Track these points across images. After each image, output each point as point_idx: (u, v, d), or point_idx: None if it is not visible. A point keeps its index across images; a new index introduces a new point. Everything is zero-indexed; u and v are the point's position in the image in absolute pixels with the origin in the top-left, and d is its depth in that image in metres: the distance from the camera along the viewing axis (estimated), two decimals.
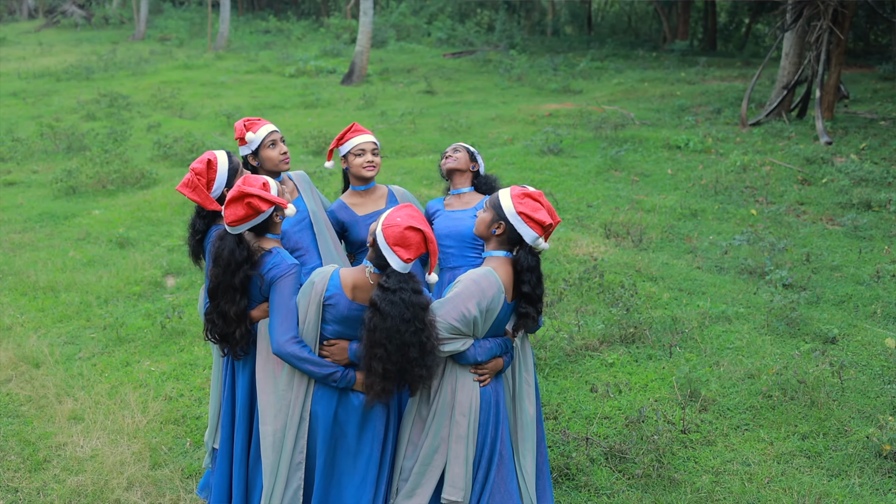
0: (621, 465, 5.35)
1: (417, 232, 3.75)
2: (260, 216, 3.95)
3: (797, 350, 6.68)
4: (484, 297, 3.85)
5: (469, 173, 5.10)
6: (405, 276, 3.77)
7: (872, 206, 10.38)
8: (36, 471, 5.38)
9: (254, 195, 3.90)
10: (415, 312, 3.73)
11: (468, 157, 5.06)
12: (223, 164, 4.42)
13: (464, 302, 3.83)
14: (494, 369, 4.04)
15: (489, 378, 4.03)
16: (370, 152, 4.91)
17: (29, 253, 9.42)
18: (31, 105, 19.32)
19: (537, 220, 3.91)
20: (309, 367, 3.90)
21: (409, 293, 3.73)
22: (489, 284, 3.87)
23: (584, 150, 13.57)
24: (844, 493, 5.05)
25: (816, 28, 14.86)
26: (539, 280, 4.01)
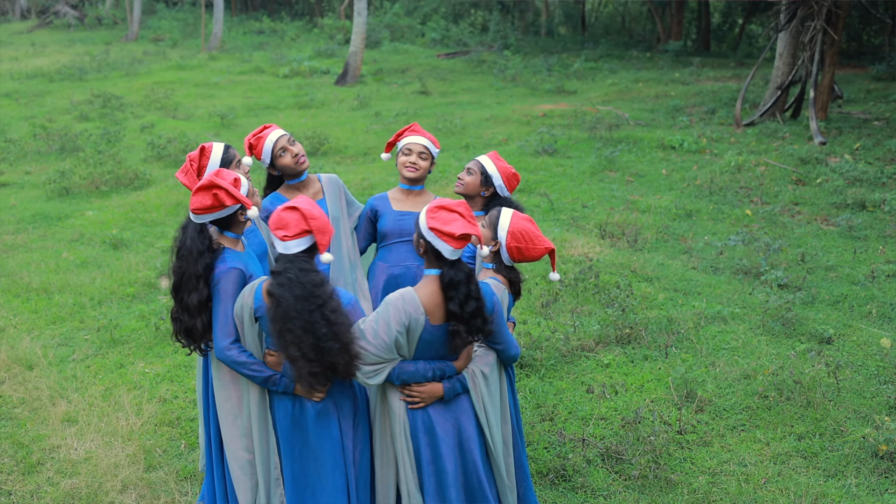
0: (618, 466, 5.33)
1: (293, 210, 3.71)
2: (224, 210, 3.97)
3: (793, 350, 6.67)
4: (399, 320, 3.72)
5: (480, 198, 4.87)
6: (290, 256, 3.71)
7: (867, 206, 10.39)
8: (29, 473, 5.35)
9: (221, 188, 3.91)
10: (306, 289, 3.66)
11: (479, 182, 4.81)
12: (217, 153, 4.46)
13: (380, 326, 3.72)
14: (430, 393, 3.89)
15: (421, 402, 3.89)
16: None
17: (22, 254, 9.38)
18: (24, 106, 19.26)
19: (447, 233, 3.72)
20: (248, 371, 3.91)
21: (296, 271, 3.67)
22: (405, 305, 3.73)
23: (579, 151, 13.56)
24: (841, 493, 5.04)
25: (810, 28, 14.88)
26: (468, 296, 3.77)
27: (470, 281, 3.78)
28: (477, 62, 25.63)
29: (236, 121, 16.97)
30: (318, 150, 13.97)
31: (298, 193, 4.97)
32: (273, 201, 4.96)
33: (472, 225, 3.77)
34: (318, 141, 14.05)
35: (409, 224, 4.92)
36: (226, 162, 4.46)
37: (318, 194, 5.00)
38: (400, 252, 4.96)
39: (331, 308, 3.68)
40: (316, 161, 13.23)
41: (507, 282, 4.17)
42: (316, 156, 13.80)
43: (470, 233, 3.74)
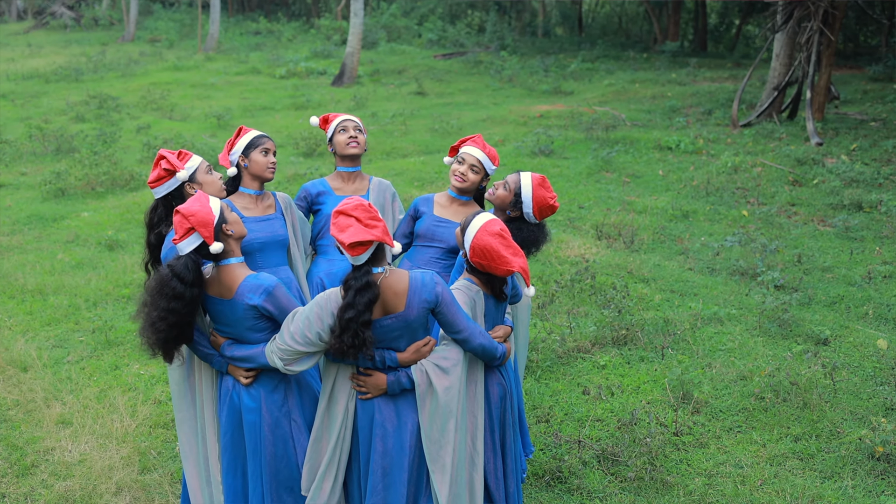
0: (614, 467, 5.32)
1: (175, 213, 3.85)
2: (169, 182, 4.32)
3: (789, 351, 6.67)
4: (321, 317, 3.73)
5: (503, 216, 4.76)
6: (181, 257, 3.85)
7: (863, 206, 10.39)
8: (23, 476, 5.33)
9: (164, 157, 4.28)
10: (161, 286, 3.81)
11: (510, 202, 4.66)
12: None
13: (304, 324, 3.74)
14: (374, 384, 3.86)
15: (368, 393, 3.87)
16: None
17: (17, 255, 9.36)
18: (20, 107, 19.23)
19: (340, 241, 3.69)
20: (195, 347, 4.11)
21: (168, 271, 3.81)
22: (328, 304, 3.74)
23: (576, 152, 13.55)
24: (837, 495, 5.03)
25: (807, 29, 14.88)
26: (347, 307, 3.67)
27: (360, 291, 3.68)
28: (473, 63, 25.63)
29: (233, 122, 16.95)
30: (314, 151, 13.96)
31: (344, 184, 5.17)
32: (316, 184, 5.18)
33: (369, 229, 3.67)
34: (315, 142, 14.04)
35: (442, 232, 4.85)
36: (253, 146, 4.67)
37: (360, 190, 5.17)
38: (425, 256, 4.92)
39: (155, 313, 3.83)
40: (312, 162, 13.22)
41: (482, 283, 4.11)
42: (312, 157, 13.79)
43: (363, 239, 3.64)
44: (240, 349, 3.95)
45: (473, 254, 3.98)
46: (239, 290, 3.86)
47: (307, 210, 5.19)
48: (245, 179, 4.72)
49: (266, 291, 3.85)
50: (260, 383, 4.01)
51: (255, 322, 3.90)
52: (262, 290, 3.85)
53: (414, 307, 3.77)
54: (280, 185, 11.66)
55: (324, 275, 5.03)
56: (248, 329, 3.92)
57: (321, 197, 5.14)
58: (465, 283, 4.08)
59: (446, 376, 3.87)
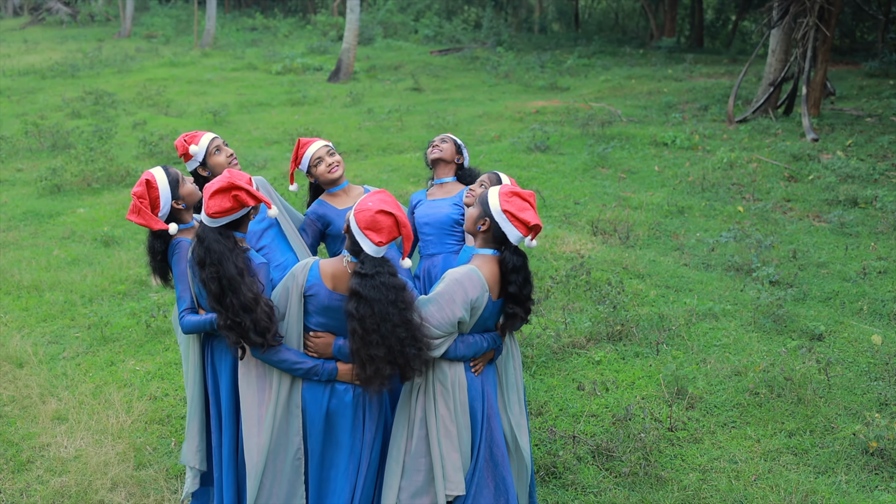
0: (608, 463, 5.34)
1: (388, 216, 3.75)
2: (242, 210, 3.92)
3: (784, 347, 6.68)
4: (467, 297, 3.84)
5: (453, 164, 5.25)
6: (379, 260, 3.78)
7: (859, 202, 10.40)
8: (19, 472, 5.34)
9: (242, 189, 3.87)
10: (396, 294, 3.75)
11: (454, 149, 5.21)
12: (162, 180, 4.37)
13: (448, 303, 3.82)
14: (485, 359, 4.08)
15: (481, 366, 4.05)
16: (326, 156, 5.01)
17: (13, 252, 9.35)
18: (16, 103, 19.20)
19: (522, 220, 3.90)
20: (289, 366, 3.91)
21: (387, 276, 3.75)
22: (472, 284, 3.86)
23: (571, 148, 13.55)
24: (831, 490, 5.05)
25: (803, 25, 14.88)
26: (526, 280, 3.98)
27: (527, 266, 3.99)
28: (470, 59, 25.62)
29: (229, 117, 16.94)
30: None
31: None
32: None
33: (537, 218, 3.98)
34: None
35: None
36: (173, 183, 4.40)
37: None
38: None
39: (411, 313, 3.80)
40: None
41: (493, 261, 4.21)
42: None
43: (540, 225, 3.94)
44: None
45: (504, 201, 3.97)
46: None
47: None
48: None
49: None
50: None
51: None
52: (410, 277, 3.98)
53: None
54: (275, 181, 11.66)
55: None
56: None
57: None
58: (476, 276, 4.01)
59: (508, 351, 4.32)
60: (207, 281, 3.83)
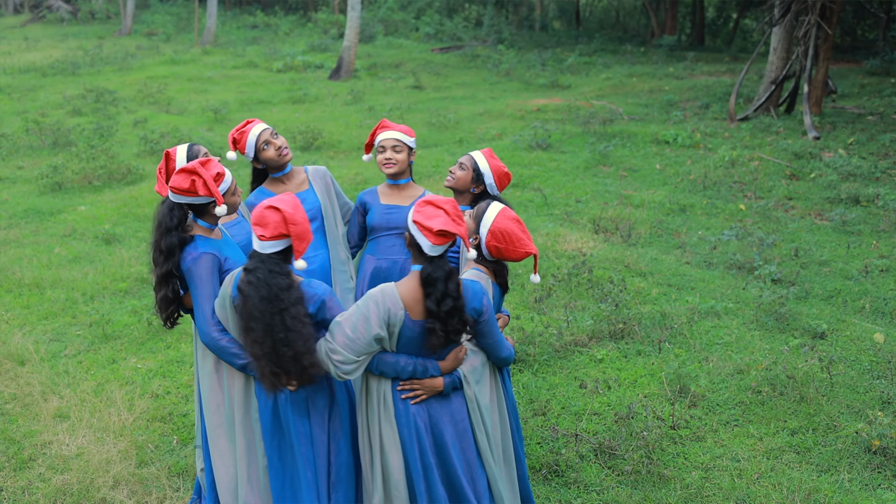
0: (611, 461, 5.33)
1: (276, 211, 3.70)
2: (197, 198, 4.02)
3: (786, 345, 6.68)
4: (379, 315, 3.69)
5: (469, 195, 4.86)
6: (265, 256, 3.73)
7: (861, 200, 10.39)
8: (21, 469, 5.33)
9: (200, 177, 3.98)
10: (272, 291, 3.67)
11: (470, 178, 4.79)
12: (181, 156, 4.46)
13: (361, 322, 3.68)
14: (430, 387, 3.86)
15: (423, 395, 3.87)
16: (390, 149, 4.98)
17: (14, 249, 9.35)
18: (17, 100, 19.19)
19: (427, 227, 3.68)
20: (227, 356, 3.97)
21: (265, 272, 3.68)
22: (384, 299, 3.71)
23: (573, 146, 13.55)
24: (834, 488, 5.04)
25: (804, 23, 14.87)
26: (445, 295, 3.69)
27: (449, 279, 3.71)
28: (471, 57, 25.61)
29: (229, 115, 16.93)
30: (311, 145, 13.94)
31: (284, 186, 5.04)
32: (258, 195, 5.00)
33: (457, 224, 3.71)
34: (312, 136, 14.02)
35: (396, 217, 4.98)
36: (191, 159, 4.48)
37: (302, 185, 5.06)
38: (387, 245, 4.99)
39: (292, 315, 3.68)
40: (310, 156, 13.21)
41: (490, 272, 4.15)
42: (309, 150, 13.77)
43: (450, 230, 3.67)
44: None
45: (493, 237, 3.99)
46: None
47: None
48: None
49: (320, 301, 3.80)
50: None
51: None
52: (317, 299, 3.80)
53: None
54: None
55: None
56: None
57: None
58: (475, 272, 4.09)
59: (481, 378, 3.99)
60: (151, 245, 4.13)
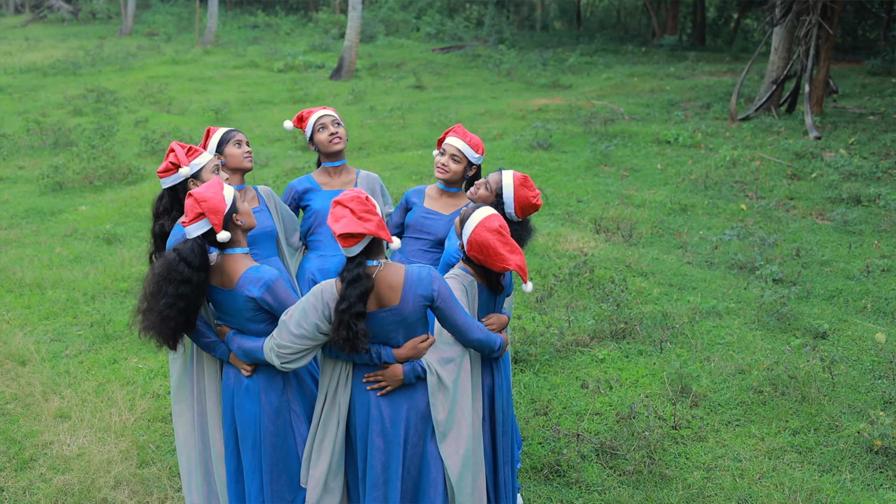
0: (612, 461, 5.32)
1: (189, 197, 3.86)
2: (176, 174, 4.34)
3: (788, 345, 6.67)
4: (318, 309, 3.71)
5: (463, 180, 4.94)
6: (188, 241, 3.86)
7: (862, 200, 10.39)
8: (22, 470, 5.32)
9: (173, 151, 4.33)
10: (169, 270, 3.81)
11: (463, 170, 4.86)
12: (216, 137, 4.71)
13: (300, 316, 3.73)
14: (392, 376, 3.83)
15: (388, 387, 3.85)
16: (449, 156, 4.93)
17: (15, 249, 9.34)
18: (18, 100, 19.20)
19: (333, 231, 3.68)
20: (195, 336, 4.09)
21: (175, 255, 3.82)
22: (323, 295, 3.73)
23: (574, 145, 13.54)
24: (836, 488, 5.03)
25: (805, 23, 14.86)
26: (342, 298, 3.67)
27: (352, 283, 3.67)
28: (472, 57, 25.61)
29: (230, 115, 16.93)
30: None
31: (329, 179, 5.13)
32: (301, 181, 5.17)
33: (362, 222, 3.66)
34: None
35: (431, 224, 4.91)
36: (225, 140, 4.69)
37: (348, 183, 5.13)
38: (413, 248, 4.96)
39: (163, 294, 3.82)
40: (311, 156, 13.20)
41: (477, 274, 4.10)
42: (310, 150, 13.76)
43: (354, 231, 3.64)
44: (244, 341, 3.93)
45: (470, 248, 3.99)
46: (240, 282, 3.86)
47: (295, 208, 5.19)
48: None
49: (266, 284, 3.84)
50: (260, 372, 4.00)
51: (254, 314, 3.89)
52: (263, 282, 3.84)
53: (409, 301, 3.77)
54: (278, 178, 11.64)
55: (315, 270, 5.04)
56: (247, 320, 3.92)
57: (308, 194, 5.13)
58: (460, 271, 4.09)
59: (453, 369, 3.90)
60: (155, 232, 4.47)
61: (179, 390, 4.33)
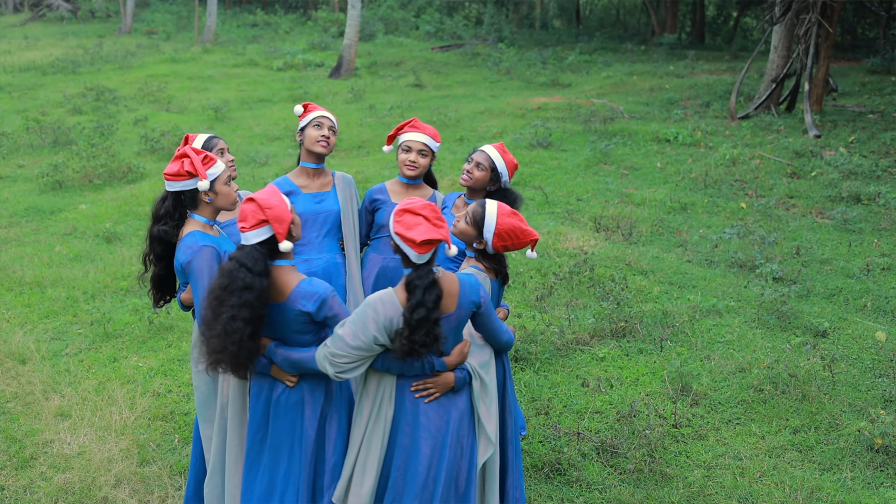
0: (613, 459, 5.32)
1: (250, 201, 3.72)
2: (187, 182, 4.06)
3: (788, 344, 6.67)
4: (379, 319, 3.67)
5: (483, 192, 4.85)
6: (244, 247, 3.72)
7: (862, 199, 10.39)
8: (22, 468, 5.32)
9: (188, 156, 4.05)
10: (230, 279, 3.65)
11: (489, 178, 4.79)
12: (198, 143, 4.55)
13: (360, 328, 3.67)
14: (443, 384, 3.86)
15: (436, 393, 3.86)
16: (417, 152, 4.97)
17: (15, 248, 9.34)
18: (17, 99, 19.18)
19: (409, 239, 3.67)
20: None
21: (234, 262, 3.67)
22: (384, 307, 3.69)
23: (574, 144, 13.54)
24: (836, 486, 5.03)
25: (805, 21, 14.85)
26: (419, 304, 3.65)
27: (429, 289, 3.68)
28: (471, 55, 25.59)
29: (230, 114, 16.92)
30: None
31: (308, 180, 5.02)
32: (280, 184, 4.99)
33: (438, 228, 3.70)
34: None
35: None
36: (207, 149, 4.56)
37: (326, 186, 5.03)
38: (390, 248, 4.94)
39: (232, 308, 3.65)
40: None
41: (489, 270, 4.15)
42: None
43: (434, 238, 3.65)
44: (291, 352, 3.82)
45: (499, 239, 4.00)
46: (292, 295, 3.76)
47: None
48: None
49: (321, 299, 3.76)
50: (303, 381, 3.91)
51: (303, 326, 3.81)
52: (318, 297, 3.76)
53: (463, 308, 3.82)
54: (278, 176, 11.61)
55: None
56: (295, 332, 3.82)
57: (290, 197, 5.05)
58: (475, 270, 4.10)
59: (490, 371, 4.01)
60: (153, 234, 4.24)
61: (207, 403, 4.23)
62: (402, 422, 3.87)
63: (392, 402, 3.87)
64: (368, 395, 3.89)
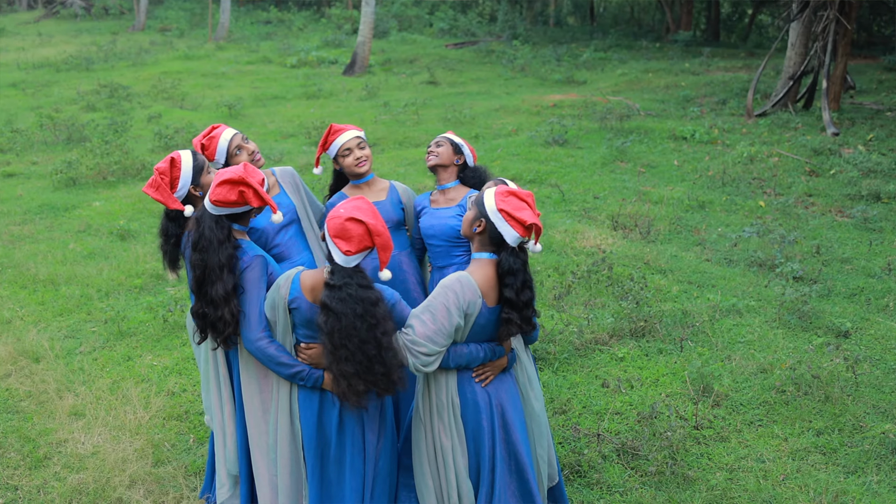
0: (634, 461, 5.24)
1: (359, 223, 3.60)
2: (244, 207, 3.91)
3: (810, 344, 6.58)
4: (459, 303, 3.68)
5: (454, 167, 4.94)
6: (350, 270, 3.63)
7: (882, 197, 10.27)
8: (36, 468, 5.28)
9: (251, 187, 3.83)
10: (365, 307, 3.59)
11: (451, 151, 4.91)
12: (187, 162, 4.28)
13: (441, 313, 3.66)
14: (498, 366, 3.94)
15: (491, 376, 3.91)
16: (356, 148, 4.92)
17: (29, 245, 9.31)
18: (31, 96, 19.21)
19: (519, 219, 3.72)
20: (275, 364, 3.81)
21: (356, 287, 3.59)
22: (464, 289, 3.70)
23: (590, 141, 13.45)
24: (862, 490, 4.94)
25: (823, 18, 14.74)
26: (524, 285, 3.79)
27: (527, 269, 3.82)
28: (485, 52, 25.53)
29: (244, 111, 16.90)
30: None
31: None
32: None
33: (537, 216, 3.82)
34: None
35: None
36: (197, 169, 4.32)
37: (273, 188, 4.87)
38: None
39: (383, 330, 3.62)
40: None
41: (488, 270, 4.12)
42: None
43: (539, 224, 3.76)
44: None
45: (500, 201, 3.83)
46: None
47: None
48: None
49: (391, 304, 3.73)
50: None
51: None
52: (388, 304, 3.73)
53: None
54: None
55: None
56: None
57: None
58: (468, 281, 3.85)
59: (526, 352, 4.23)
60: (195, 264, 3.87)
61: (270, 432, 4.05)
62: (470, 420, 3.90)
63: (458, 405, 3.89)
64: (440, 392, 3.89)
